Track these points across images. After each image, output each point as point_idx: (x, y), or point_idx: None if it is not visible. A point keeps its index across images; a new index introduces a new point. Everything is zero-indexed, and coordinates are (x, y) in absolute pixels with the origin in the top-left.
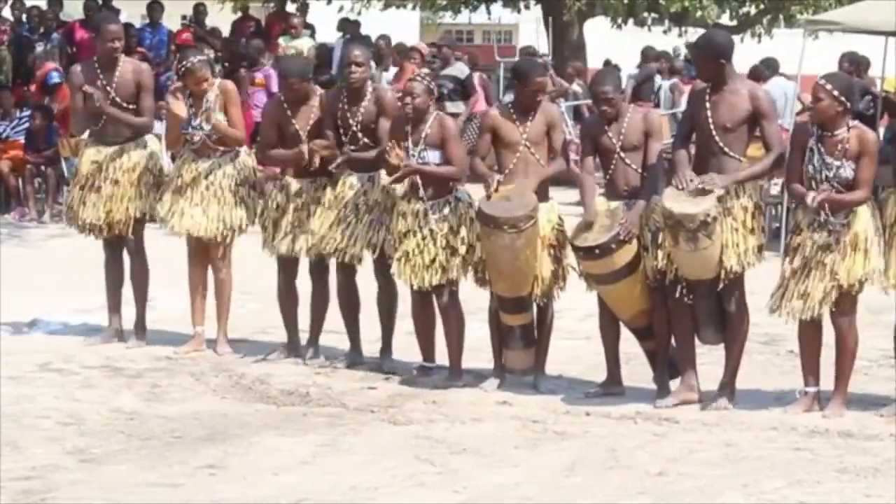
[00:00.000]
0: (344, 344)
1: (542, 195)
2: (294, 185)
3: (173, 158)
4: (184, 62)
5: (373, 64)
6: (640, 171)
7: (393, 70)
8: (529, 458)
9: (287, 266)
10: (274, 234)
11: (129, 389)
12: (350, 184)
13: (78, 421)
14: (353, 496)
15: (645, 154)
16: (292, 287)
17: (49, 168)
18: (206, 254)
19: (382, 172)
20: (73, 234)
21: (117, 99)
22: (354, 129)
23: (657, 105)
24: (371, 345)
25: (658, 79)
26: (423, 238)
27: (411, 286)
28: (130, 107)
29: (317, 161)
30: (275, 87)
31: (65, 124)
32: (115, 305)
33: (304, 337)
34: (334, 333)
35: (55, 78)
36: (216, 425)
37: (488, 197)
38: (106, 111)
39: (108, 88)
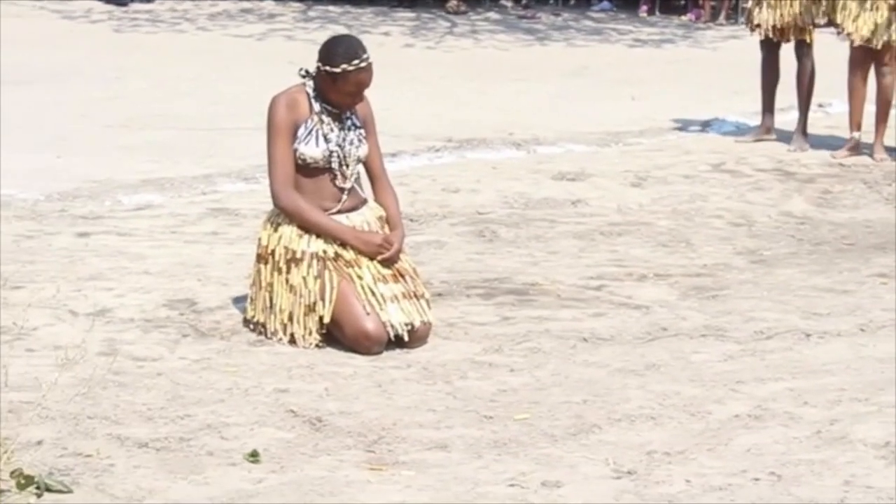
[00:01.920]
0: None
1: None
2: None
3: None
4: None
5: None
6: None
7: None
8: None
9: None
10: None
11: (800, 194)
12: None
13: (748, 222)
14: None
15: None
16: None
17: None
18: (868, 59)
19: None
20: (744, 36)
21: None
22: None
23: None
24: None
25: None
26: None
27: None
28: None
29: None
30: None
31: None
32: (767, 105)
33: None
34: None
35: None
36: (889, 234)
37: None
38: None
39: None
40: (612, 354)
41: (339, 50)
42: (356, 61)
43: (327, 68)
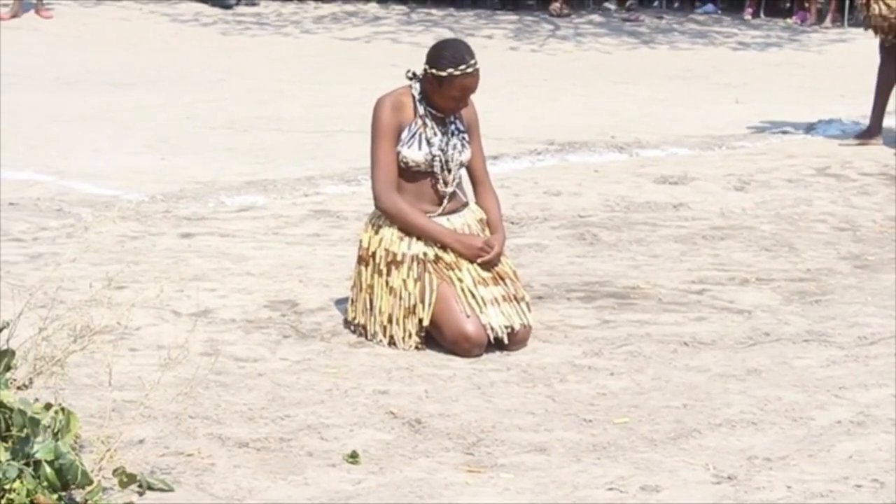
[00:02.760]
0: None
1: None
2: None
3: None
4: None
5: None
6: None
7: None
8: None
9: None
10: None
11: None
12: None
13: (853, 227)
14: None
15: None
16: None
17: None
18: None
19: None
20: (850, 39)
21: None
22: None
23: None
24: None
25: None
26: None
27: None
28: None
29: None
30: None
31: None
32: (879, 109)
33: None
34: None
35: None
36: None
37: None
38: None
39: None
40: (714, 359)
41: (446, 53)
42: (463, 66)
43: (434, 71)
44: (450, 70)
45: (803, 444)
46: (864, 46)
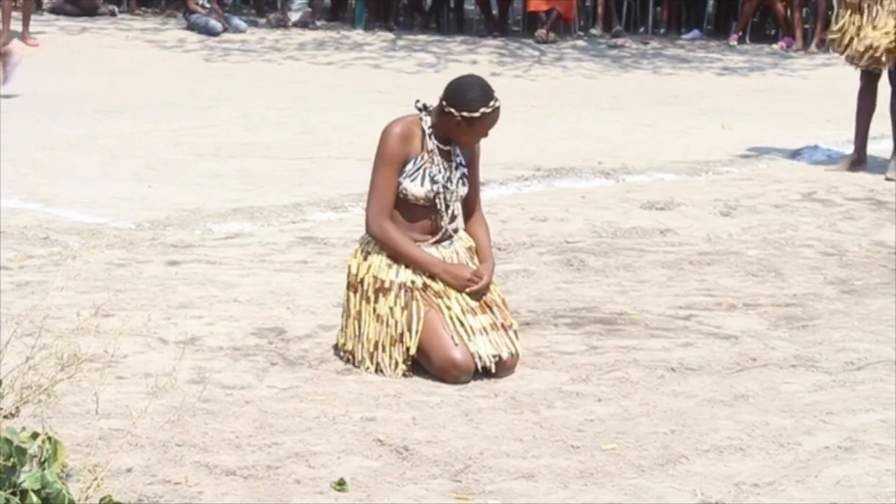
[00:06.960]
0: None
1: None
2: None
3: None
4: None
5: None
6: None
7: None
8: None
9: None
10: None
11: (893, 223)
12: None
13: (839, 252)
14: None
15: None
16: None
17: None
18: None
19: None
20: (836, 64)
21: None
22: None
23: None
24: None
25: None
26: None
27: None
28: None
29: None
30: None
31: None
32: (862, 135)
33: None
34: None
35: None
36: None
37: None
38: None
39: None
40: (701, 384)
41: (475, 95)
42: (492, 102)
43: (464, 114)
44: (482, 110)
45: (791, 469)
46: (850, 72)
